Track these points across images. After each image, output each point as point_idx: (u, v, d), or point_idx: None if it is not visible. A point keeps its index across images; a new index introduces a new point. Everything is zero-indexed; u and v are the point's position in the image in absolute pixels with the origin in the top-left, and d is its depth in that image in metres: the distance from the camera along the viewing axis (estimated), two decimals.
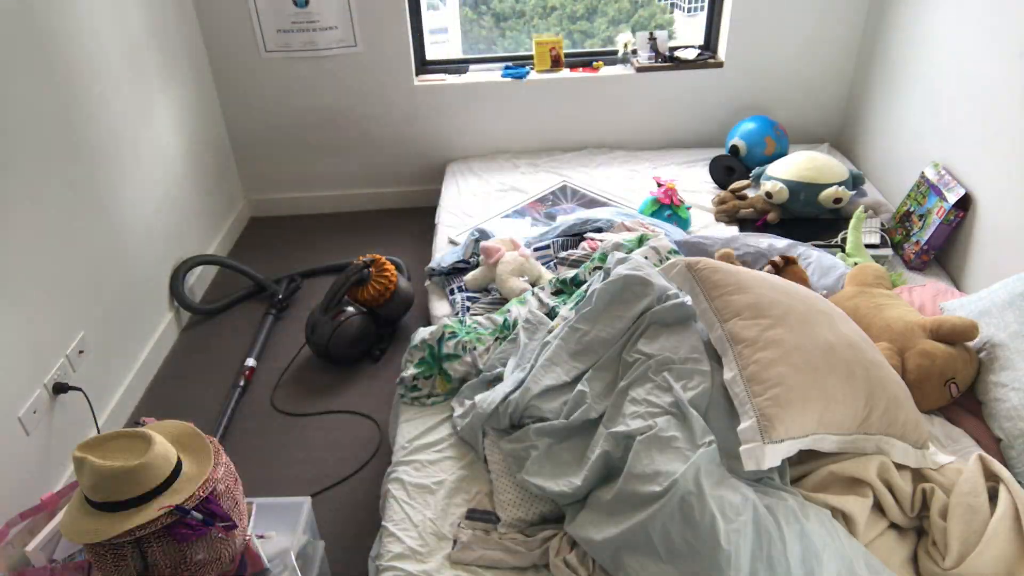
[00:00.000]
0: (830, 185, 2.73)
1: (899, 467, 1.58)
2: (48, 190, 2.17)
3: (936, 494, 1.52)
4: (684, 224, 2.82)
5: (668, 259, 2.14)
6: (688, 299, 1.82)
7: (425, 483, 1.80)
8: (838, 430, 1.54)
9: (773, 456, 1.45)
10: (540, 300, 2.19)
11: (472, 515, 1.69)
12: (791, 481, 1.59)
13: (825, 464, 1.58)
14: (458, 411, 1.93)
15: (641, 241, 2.19)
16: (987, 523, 1.42)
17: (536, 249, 2.57)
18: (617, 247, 2.20)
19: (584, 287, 2.11)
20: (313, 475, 2.29)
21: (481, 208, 3.10)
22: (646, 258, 2.11)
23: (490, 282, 2.43)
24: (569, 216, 2.68)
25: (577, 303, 2.05)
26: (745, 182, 3.03)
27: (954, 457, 1.66)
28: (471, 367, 2.05)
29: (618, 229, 2.50)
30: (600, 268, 2.18)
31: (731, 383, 1.58)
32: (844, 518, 1.50)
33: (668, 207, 2.80)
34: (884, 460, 1.55)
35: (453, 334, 2.08)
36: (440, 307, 2.48)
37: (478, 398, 1.87)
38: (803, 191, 2.74)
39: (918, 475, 1.59)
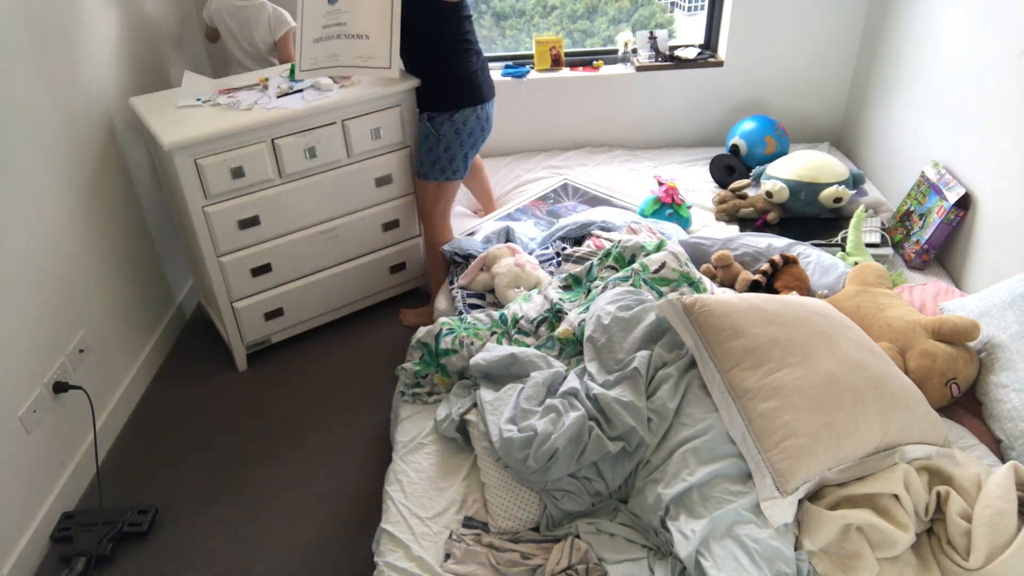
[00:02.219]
0: (830, 184, 2.73)
1: (916, 470, 1.58)
2: (49, 189, 2.17)
3: (952, 496, 1.52)
4: (685, 223, 2.82)
5: (687, 266, 2.14)
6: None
7: (424, 485, 1.80)
8: (855, 456, 1.54)
9: (793, 505, 1.48)
10: (546, 297, 2.19)
11: (469, 523, 1.69)
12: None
13: (846, 486, 1.56)
14: (442, 414, 1.94)
15: (660, 247, 2.20)
16: (1015, 528, 1.42)
17: (532, 251, 2.57)
18: (639, 248, 2.21)
19: (599, 288, 2.11)
20: (312, 475, 2.30)
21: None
22: (665, 263, 2.12)
23: (490, 288, 2.43)
24: (566, 219, 2.67)
25: (587, 307, 2.05)
26: (745, 181, 3.03)
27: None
28: (467, 361, 2.05)
29: (626, 231, 2.50)
30: (614, 268, 2.18)
31: (739, 440, 1.58)
32: (864, 531, 1.49)
33: (669, 206, 2.80)
34: (907, 468, 1.55)
35: (451, 330, 2.09)
36: (440, 301, 2.48)
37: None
38: (803, 190, 2.74)
39: (935, 479, 1.58)
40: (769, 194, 2.79)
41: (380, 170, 2.67)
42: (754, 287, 2.27)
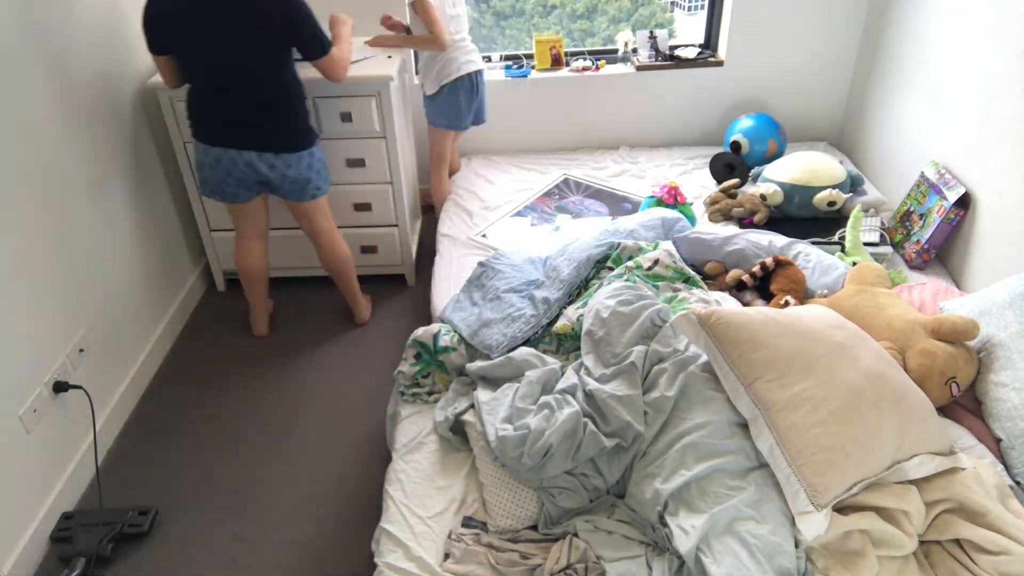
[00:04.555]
0: (824, 188, 2.72)
1: (948, 512, 1.58)
2: (48, 188, 2.17)
3: (953, 519, 1.53)
4: (691, 222, 2.81)
5: (680, 263, 2.14)
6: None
7: (424, 484, 1.80)
8: (878, 471, 1.54)
9: (827, 518, 1.47)
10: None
11: (468, 523, 1.69)
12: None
13: (865, 499, 1.56)
14: (439, 417, 1.94)
15: (656, 247, 2.21)
16: None
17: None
18: (636, 250, 2.22)
19: (596, 285, 2.12)
20: (312, 473, 2.30)
21: (487, 205, 3.11)
22: (658, 261, 2.12)
23: None
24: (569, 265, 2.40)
25: (586, 302, 2.05)
26: (734, 181, 3.02)
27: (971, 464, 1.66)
28: (466, 359, 2.05)
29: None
30: (611, 269, 2.19)
31: (767, 453, 1.57)
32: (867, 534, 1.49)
33: (672, 206, 2.79)
34: (915, 489, 1.56)
35: (448, 328, 2.10)
36: (441, 302, 2.48)
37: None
38: (797, 194, 2.74)
39: (961, 515, 1.57)
40: (763, 197, 2.78)
41: (351, 152, 2.83)
42: (739, 285, 2.27)
